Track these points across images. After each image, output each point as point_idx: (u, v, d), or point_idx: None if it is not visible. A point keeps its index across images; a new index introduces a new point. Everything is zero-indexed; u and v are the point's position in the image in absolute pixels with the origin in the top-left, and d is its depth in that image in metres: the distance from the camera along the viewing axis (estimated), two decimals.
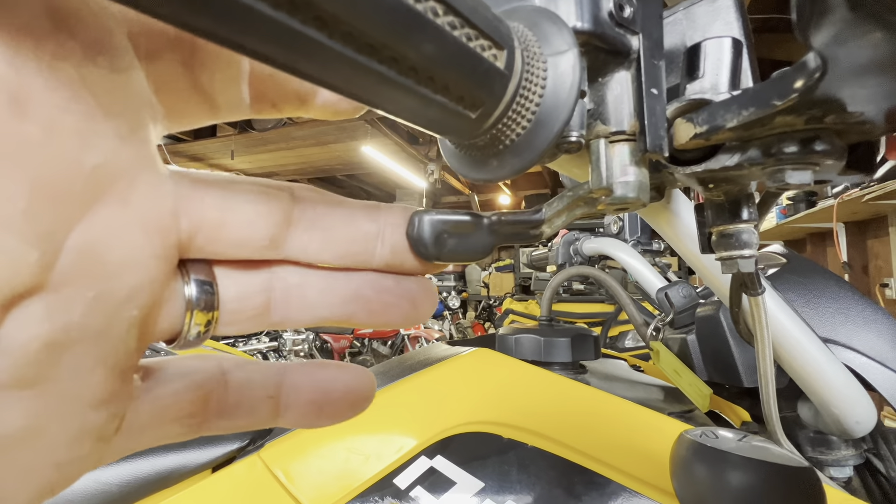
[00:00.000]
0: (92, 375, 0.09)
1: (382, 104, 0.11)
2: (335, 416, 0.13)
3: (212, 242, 0.11)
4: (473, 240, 0.14)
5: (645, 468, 0.27)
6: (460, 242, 0.14)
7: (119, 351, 0.09)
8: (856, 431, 0.29)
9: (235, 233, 0.11)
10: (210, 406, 0.12)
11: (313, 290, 0.12)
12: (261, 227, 0.11)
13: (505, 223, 0.15)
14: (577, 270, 0.47)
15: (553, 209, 0.16)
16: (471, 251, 0.14)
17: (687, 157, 0.16)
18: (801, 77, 0.11)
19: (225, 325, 0.12)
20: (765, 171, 0.15)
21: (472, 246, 0.14)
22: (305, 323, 0.13)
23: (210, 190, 0.11)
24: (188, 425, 0.11)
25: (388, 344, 3.36)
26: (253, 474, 0.39)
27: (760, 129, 0.13)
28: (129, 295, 0.09)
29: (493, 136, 0.13)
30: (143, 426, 0.11)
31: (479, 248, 0.14)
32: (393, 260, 0.13)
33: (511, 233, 0.15)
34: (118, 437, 0.10)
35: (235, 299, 0.12)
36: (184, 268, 0.11)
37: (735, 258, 0.21)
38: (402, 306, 0.13)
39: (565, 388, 0.35)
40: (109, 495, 0.41)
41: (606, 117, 0.15)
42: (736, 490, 0.18)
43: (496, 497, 0.28)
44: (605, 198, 0.15)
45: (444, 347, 0.46)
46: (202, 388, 0.12)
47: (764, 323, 0.25)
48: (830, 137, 0.13)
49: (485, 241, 0.14)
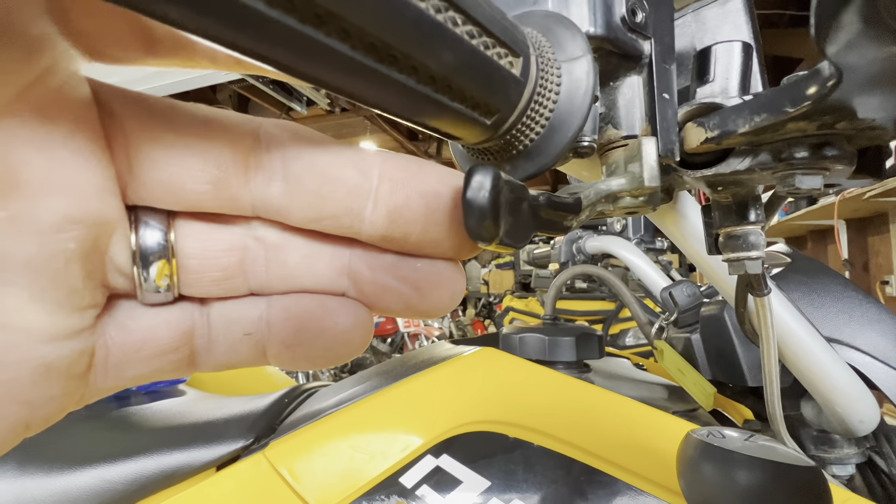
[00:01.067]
0: (30, 310, 0.08)
1: (400, 111, 0.11)
2: (314, 359, 0.11)
3: (146, 184, 0.09)
4: (522, 221, 0.10)
5: (651, 467, 0.27)
6: (514, 222, 0.10)
7: (60, 287, 0.09)
8: (859, 430, 0.29)
9: (166, 173, 0.09)
10: (195, 341, 0.11)
11: (295, 255, 0.11)
12: (197, 169, 0.09)
13: (548, 206, 0.12)
14: (582, 269, 0.47)
15: (588, 200, 0.15)
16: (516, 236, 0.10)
17: (697, 161, 0.16)
18: (815, 84, 0.11)
19: (190, 285, 0.10)
20: (775, 176, 0.15)
21: (519, 229, 0.10)
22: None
23: (147, 117, 0.09)
24: (173, 362, 0.11)
25: (388, 341, 3.37)
26: (258, 473, 0.39)
27: (771, 134, 0.14)
28: (57, 223, 0.08)
29: (507, 141, 0.13)
30: (121, 363, 0.10)
31: (523, 233, 0.10)
32: (392, 230, 0.10)
33: (549, 219, 0.12)
34: (95, 375, 0.10)
35: (198, 255, 0.10)
36: (134, 213, 0.10)
37: (742, 259, 0.21)
38: (402, 292, 0.11)
39: (571, 387, 0.35)
40: (114, 493, 0.42)
41: (618, 121, 0.15)
42: (743, 489, 0.19)
43: (502, 496, 0.28)
44: (628, 199, 0.15)
45: (447, 346, 0.46)
46: (181, 320, 0.11)
47: (769, 323, 0.25)
48: (841, 142, 0.13)
49: (529, 224, 0.11)
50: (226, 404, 0.51)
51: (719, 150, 0.16)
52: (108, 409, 0.52)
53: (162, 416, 0.50)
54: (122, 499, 0.41)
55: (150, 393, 0.57)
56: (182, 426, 0.47)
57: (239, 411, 0.48)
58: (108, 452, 0.44)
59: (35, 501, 0.42)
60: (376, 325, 3.27)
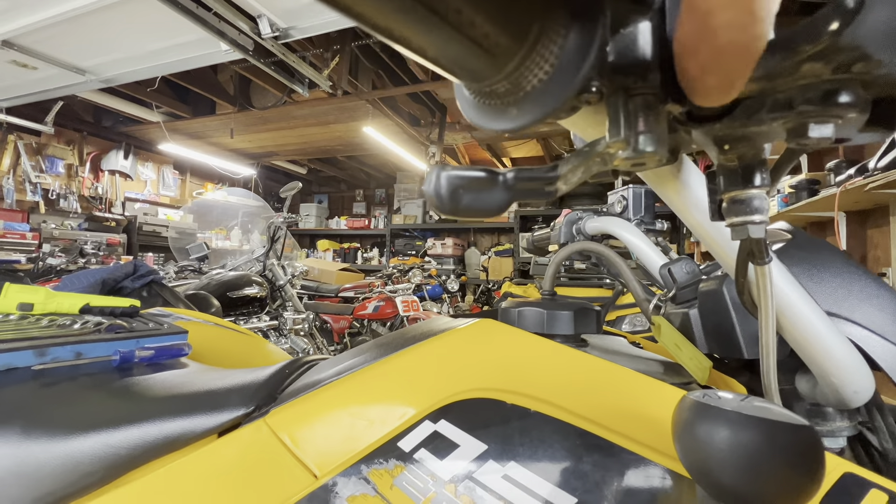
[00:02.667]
0: None
1: (409, 40, 0.11)
2: None
3: None
4: (489, 195, 0.14)
5: (647, 433, 0.28)
6: (476, 198, 0.14)
7: None
8: (853, 401, 0.30)
9: None
10: None
11: None
12: None
13: (521, 179, 0.15)
14: (582, 246, 0.47)
15: (569, 165, 0.16)
16: (486, 206, 0.15)
17: (705, 114, 0.16)
18: (836, 17, 0.11)
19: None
20: (786, 126, 0.15)
21: (487, 201, 0.14)
22: None
23: None
24: None
25: (388, 325, 3.39)
26: (259, 438, 0.40)
27: (785, 79, 0.13)
28: None
29: (515, 80, 0.13)
30: None
31: (495, 203, 0.15)
32: None
33: (526, 189, 0.15)
34: None
35: None
36: None
37: (746, 224, 0.21)
38: None
39: (569, 356, 0.35)
40: (118, 458, 0.42)
41: (627, 69, 0.15)
42: (738, 447, 0.19)
43: (499, 459, 0.29)
44: (622, 152, 0.15)
45: (446, 320, 0.46)
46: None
47: (769, 292, 0.25)
48: (856, 88, 0.13)
49: (500, 196, 0.15)
50: (227, 375, 0.52)
51: (728, 104, 0.16)
52: (111, 379, 0.52)
53: (164, 385, 0.51)
54: (125, 463, 0.42)
55: (152, 364, 0.58)
56: (184, 395, 0.48)
57: (240, 381, 0.49)
58: (111, 419, 0.44)
59: (40, 465, 0.42)
60: (376, 308, 3.29)
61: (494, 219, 5.25)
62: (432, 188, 0.13)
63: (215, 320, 0.95)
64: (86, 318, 0.64)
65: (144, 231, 4.77)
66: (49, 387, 0.49)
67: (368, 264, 6.02)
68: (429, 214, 5.70)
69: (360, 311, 3.35)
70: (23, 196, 4.14)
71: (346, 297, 3.85)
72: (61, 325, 0.60)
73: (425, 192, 0.13)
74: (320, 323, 3.38)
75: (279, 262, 2.75)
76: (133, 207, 4.94)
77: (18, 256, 3.69)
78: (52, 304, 0.67)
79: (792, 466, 0.18)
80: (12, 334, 0.54)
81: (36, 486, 0.40)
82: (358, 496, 0.30)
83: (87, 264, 3.82)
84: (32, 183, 4.16)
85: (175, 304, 1.36)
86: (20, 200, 4.11)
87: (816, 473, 0.18)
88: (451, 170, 0.14)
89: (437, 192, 0.13)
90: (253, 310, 2.51)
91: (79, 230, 4.30)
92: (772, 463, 0.18)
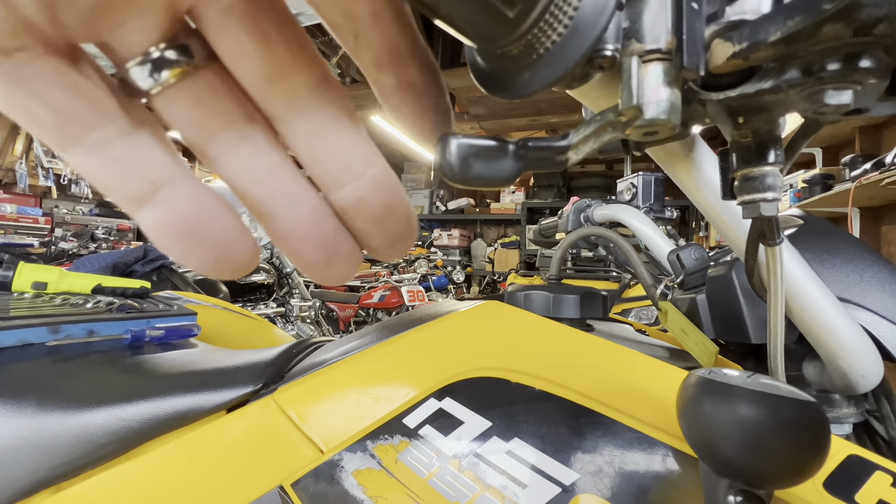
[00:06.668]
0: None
1: None
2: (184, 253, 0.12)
3: None
4: (499, 164, 0.14)
5: (652, 412, 0.28)
6: (486, 166, 0.14)
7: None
8: (861, 386, 0.30)
9: None
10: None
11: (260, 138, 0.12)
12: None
13: (532, 148, 0.15)
14: (589, 231, 0.47)
15: (580, 134, 0.16)
16: (497, 175, 0.14)
17: (721, 82, 0.16)
18: None
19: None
20: (803, 94, 0.15)
21: (498, 170, 0.14)
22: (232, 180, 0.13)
23: None
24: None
25: (393, 315, 3.42)
26: (267, 414, 0.40)
27: (804, 43, 0.13)
28: None
29: (528, 42, 0.13)
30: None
31: (505, 172, 0.14)
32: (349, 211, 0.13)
33: (537, 158, 0.15)
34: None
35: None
36: None
37: (758, 201, 0.21)
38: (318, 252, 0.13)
39: (574, 338, 0.36)
40: (129, 431, 0.43)
41: (642, 35, 0.15)
42: (743, 422, 0.19)
43: (503, 436, 0.29)
44: (636, 120, 0.15)
45: (452, 303, 0.47)
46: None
47: (779, 274, 0.25)
48: (877, 53, 0.13)
49: (510, 165, 0.14)
50: (235, 354, 0.53)
51: (744, 71, 0.16)
52: (122, 357, 0.54)
53: (174, 363, 0.52)
54: (137, 436, 0.43)
55: (162, 344, 0.59)
56: (193, 372, 0.49)
57: (248, 360, 0.49)
58: (123, 394, 0.45)
59: (54, 436, 0.43)
60: (382, 298, 3.31)
61: (501, 210, 5.23)
62: (443, 156, 0.13)
63: (224, 304, 0.96)
64: (98, 298, 0.65)
65: None
66: (63, 362, 0.50)
67: None
68: (435, 205, 5.68)
69: (366, 299, 3.37)
70: (35, 181, 4.19)
71: (352, 285, 3.88)
72: (74, 303, 0.62)
73: (434, 162, 0.13)
74: (326, 311, 3.41)
75: None
76: None
77: (32, 240, 3.75)
78: (64, 283, 0.69)
79: (796, 442, 0.18)
80: (27, 311, 0.55)
81: (52, 457, 0.42)
82: (363, 470, 0.31)
83: (98, 249, 3.88)
84: (45, 168, 4.21)
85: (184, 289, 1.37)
86: (33, 185, 4.17)
87: (821, 449, 0.18)
88: (462, 138, 0.14)
89: (447, 160, 0.13)
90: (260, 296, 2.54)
91: (90, 215, 4.36)
92: (776, 438, 0.18)
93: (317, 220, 0.13)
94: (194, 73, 0.12)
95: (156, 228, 0.12)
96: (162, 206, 0.11)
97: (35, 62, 0.11)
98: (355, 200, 0.13)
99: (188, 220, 0.12)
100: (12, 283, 0.66)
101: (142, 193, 0.12)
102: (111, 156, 0.11)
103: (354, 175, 0.13)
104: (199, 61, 0.12)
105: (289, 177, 0.13)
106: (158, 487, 0.36)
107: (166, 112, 0.12)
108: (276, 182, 0.13)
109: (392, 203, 0.13)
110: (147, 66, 0.11)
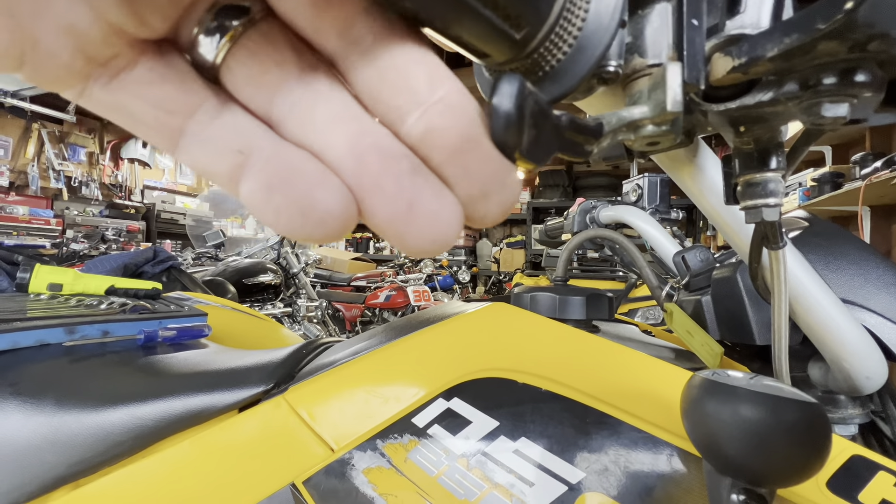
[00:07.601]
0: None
1: (433, 19, 0.11)
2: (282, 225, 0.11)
3: None
4: (544, 137, 0.11)
5: (656, 412, 0.28)
6: (537, 136, 0.11)
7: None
8: (865, 387, 0.30)
9: None
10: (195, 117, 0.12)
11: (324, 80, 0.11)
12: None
13: (570, 127, 0.13)
14: (595, 232, 0.47)
15: (610, 126, 0.15)
16: (537, 151, 0.11)
17: (721, 94, 0.16)
18: None
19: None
20: (801, 106, 0.15)
21: (541, 144, 0.11)
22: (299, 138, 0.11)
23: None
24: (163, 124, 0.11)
25: (399, 315, 3.43)
26: (278, 414, 0.41)
27: (801, 58, 0.14)
28: None
29: (534, 60, 0.14)
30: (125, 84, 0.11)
31: (544, 150, 0.11)
32: (419, 145, 0.11)
33: (571, 140, 0.13)
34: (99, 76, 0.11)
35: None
36: None
37: (760, 206, 0.21)
38: (393, 200, 0.11)
39: (580, 339, 0.36)
40: (144, 429, 0.44)
41: (644, 50, 0.15)
42: (745, 422, 0.19)
43: (510, 435, 0.30)
44: (650, 127, 0.15)
45: (459, 304, 0.47)
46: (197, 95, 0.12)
47: (782, 277, 0.26)
48: (872, 67, 0.13)
49: (551, 142, 0.12)
50: (246, 355, 0.54)
51: (744, 84, 0.16)
52: (136, 357, 0.55)
53: (187, 363, 0.53)
54: (152, 434, 0.44)
55: (174, 344, 0.60)
56: (206, 372, 0.50)
57: (259, 360, 0.50)
58: (138, 393, 0.46)
59: (72, 433, 0.45)
60: (387, 298, 3.32)
61: None
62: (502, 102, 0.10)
63: (233, 305, 0.97)
64: (111, 300, 0.67)
65: (162, 218, 4.88)
66: (79, 362, 0.51)
67: (380, 254, 6.06)
68: None
69: (372, 300, 3.38)
70: (47, 183, 4.26)
71: (358, 286, 3.90)
72: (88, 305, 0.63)
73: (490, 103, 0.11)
74: (333, 311, 3.43)
75: (293, 251, 2.79)
76: (151, 195, 5.05)
77: (44, 241, 3.81)
78: (79, 284, 0.70)
79: (798, 442, 0.19)
80: (44, 312, 0.56)
81: (70, 454, 0.43)
82: (373, 468, 0.32)
83: (109, 250, 3.93)
84: (56, 170, 4.27)
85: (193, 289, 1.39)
86: (44, 187, 4.23)
87: (822, 449, 0.19)
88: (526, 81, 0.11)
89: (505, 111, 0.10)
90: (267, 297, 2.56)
91: (100, 217, 4.42)
92: (778, 438, 0.19)
93: (386, 164, 0.11)
94: (252, 28, 0.11)
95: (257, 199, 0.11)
96: (253, 172, 0.11)
97: (129, 66, 0.11)
98: (423, 131, 0.11)
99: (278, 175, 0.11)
100: (29, 284, 0.68)
101: (234, 166, 0.11)
102: (207, 136, 0.11)
103: (418, 100, 0.11)
104: (255, 13, 0.11)
105: (352, 118, 0.11)
106: (174, 484, 0.37)
107: (230, 81, 0.12)
108: (339, 127, 0.11)
109: (472, 134, 0.11)
110: (213, 34, 0.11)
